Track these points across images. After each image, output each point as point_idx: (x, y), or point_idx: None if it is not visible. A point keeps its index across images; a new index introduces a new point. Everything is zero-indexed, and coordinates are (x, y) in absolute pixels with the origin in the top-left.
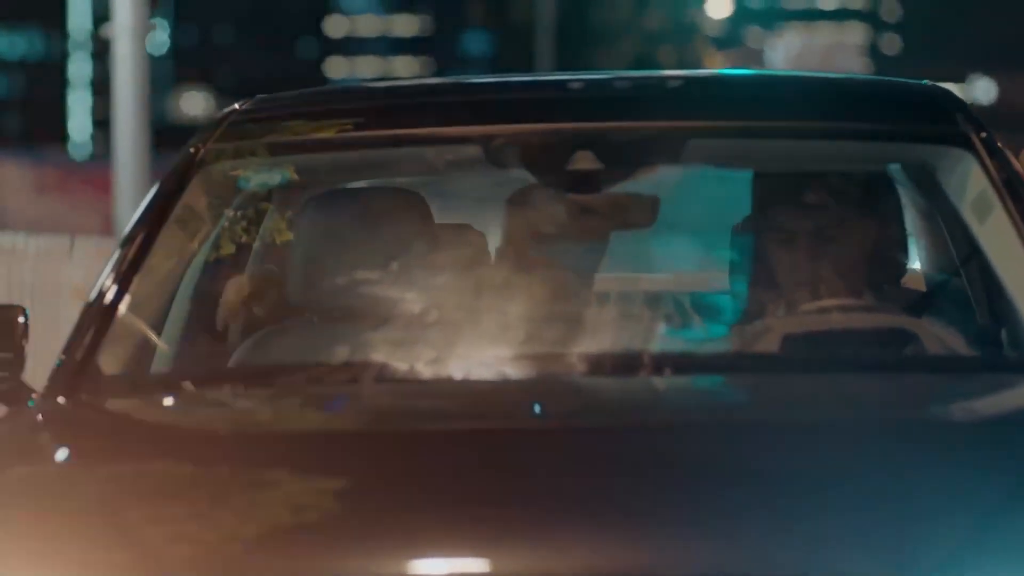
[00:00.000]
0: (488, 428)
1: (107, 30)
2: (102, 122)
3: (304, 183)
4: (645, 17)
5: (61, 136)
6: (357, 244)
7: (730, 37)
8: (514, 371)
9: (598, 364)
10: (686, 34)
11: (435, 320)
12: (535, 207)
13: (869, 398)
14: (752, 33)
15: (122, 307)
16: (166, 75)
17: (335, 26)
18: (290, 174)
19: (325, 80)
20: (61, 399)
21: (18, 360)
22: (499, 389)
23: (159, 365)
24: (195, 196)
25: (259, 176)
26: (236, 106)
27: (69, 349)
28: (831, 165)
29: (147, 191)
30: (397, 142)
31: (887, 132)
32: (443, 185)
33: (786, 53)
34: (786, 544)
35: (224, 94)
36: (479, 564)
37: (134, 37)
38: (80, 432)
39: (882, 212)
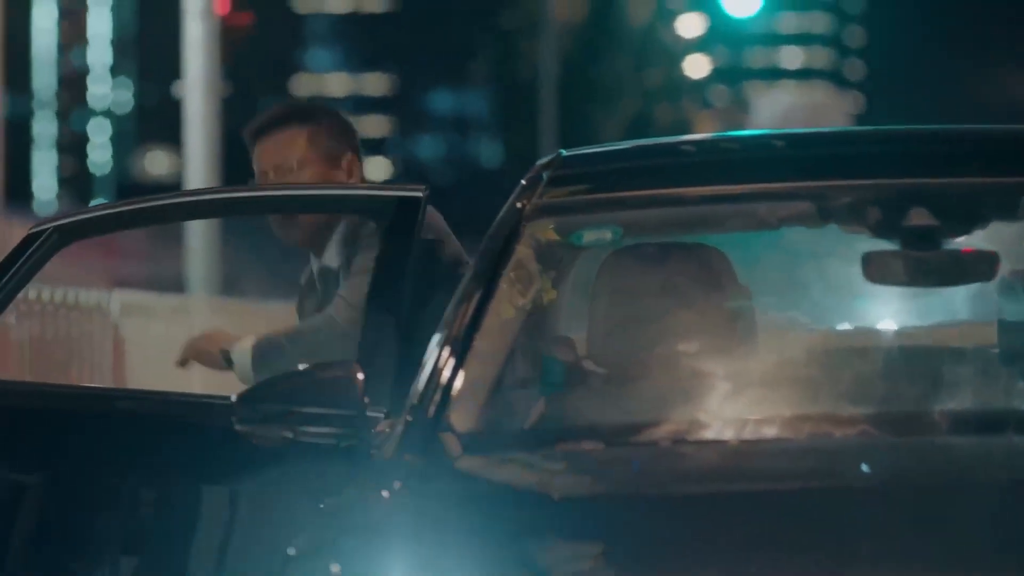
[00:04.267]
0: (823, 487)
1: (178, 87)
2: (67, 180)
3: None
4: (643, 76)
5: (26, 194)
6: (663, 302)
7: (704, 97)
8: (872, 431)
9: (930, 423)
10: (677, 94)
11: (757, 380)
12: (869, 265)
13: None
14: (718, 93)
15: (465, 365)
16: (131, 134)
17: (301, 85)
18: (619, 230)
19: None
20: (416, 458)
21: (360, 418)
22: (839, 450)
23: (494, 422)
24: (524, 252)
25: (588, 233)
26: (550, 160)
27: (417, 408)
28: None
29: (217, 248)
30: (728, 198)
31: None
32: (754, 241)
33: (772, 111)
34: None
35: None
36: None
37: (206, 94)
38: (469, 493)
39: None
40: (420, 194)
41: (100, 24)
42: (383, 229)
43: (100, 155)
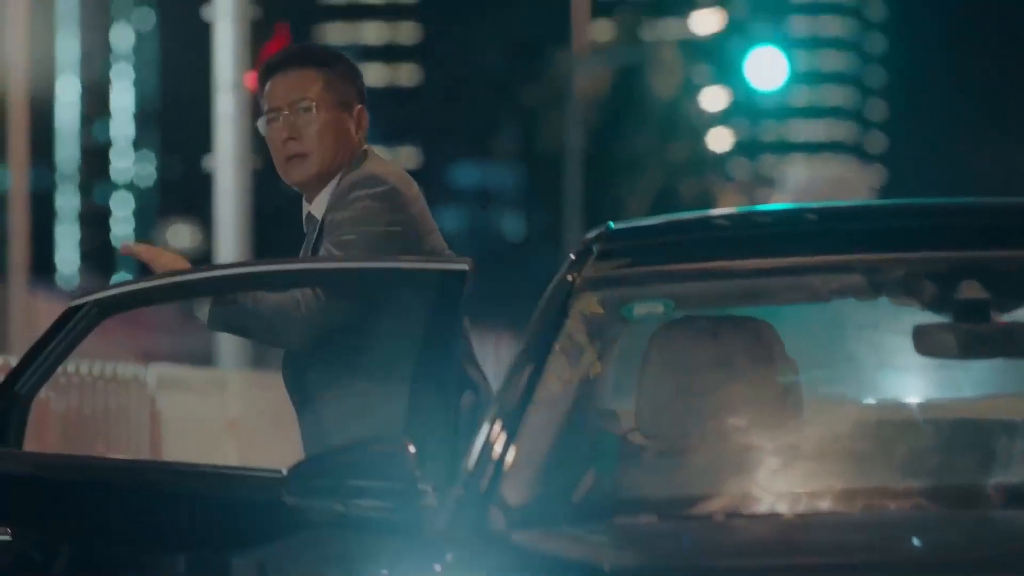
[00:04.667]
0: (879, 561)
1: (208, 161)
2: (89, 253)
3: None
4: (667, 150)
5: (49, 267)
6: (713, 375)
7: (727, 170)
8: (926, 504)
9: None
10: (701, 167)
11: (810, 454)
12: (920, 338)
13: None
14: (741, 166)
15: (516, 439)
16: (153, 207)
17: None
18: (671, 303)
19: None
20: (468, 532)
21: (412, 491)
22: (893, 523)
23: (545, 495)
24: (575, 325)
25: (640, 306)
26: (599, 233)
27: (469, 481)
28: None
29: None
30: (779, 271)
31: None
32: (806, 313)
33: (795, 184)
34: None
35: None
36: None
37: (236, 167)
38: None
39: None
40: (466, 267)
41: (123, 98)
42: (429, 302)
43: (122, 228)
